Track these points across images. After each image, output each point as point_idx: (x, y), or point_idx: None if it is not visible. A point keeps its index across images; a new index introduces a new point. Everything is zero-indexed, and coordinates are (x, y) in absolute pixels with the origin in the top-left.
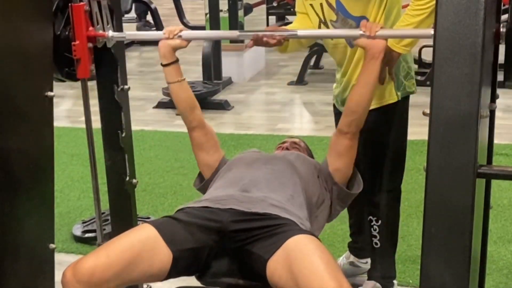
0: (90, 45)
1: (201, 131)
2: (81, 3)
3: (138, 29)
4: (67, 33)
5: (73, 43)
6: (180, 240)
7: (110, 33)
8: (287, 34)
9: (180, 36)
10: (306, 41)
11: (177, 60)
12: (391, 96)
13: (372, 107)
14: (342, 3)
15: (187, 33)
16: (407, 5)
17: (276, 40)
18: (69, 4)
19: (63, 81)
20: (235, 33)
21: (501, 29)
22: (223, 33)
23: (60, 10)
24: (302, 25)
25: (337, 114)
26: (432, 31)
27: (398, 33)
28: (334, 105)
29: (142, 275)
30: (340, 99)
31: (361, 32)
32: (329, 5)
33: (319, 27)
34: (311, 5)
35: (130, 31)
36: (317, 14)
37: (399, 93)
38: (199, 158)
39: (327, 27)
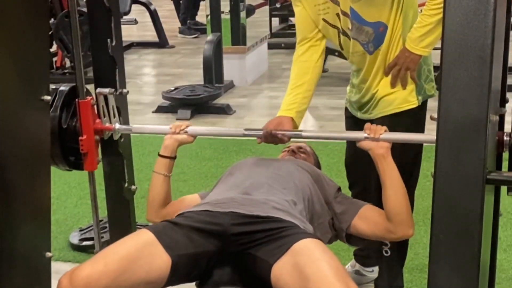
0: (97, 137)
1: (166, 217)
2: (88, 98)
3: None
4: (73, 124)
5: (80, 138)
6: (180, 245)
7: (117, 125)
8: (292, 133)
9: (186, 132)
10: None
11: (174, 157)
12: (413, 101)
13: (392, 112)
14: (356, 10)
15: (193, 128)
16: (423, 3)
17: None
18: (76, 100)
19: (69, 170)
20: (240, 131)
21: None
22: (229, 130)
23: (67, 105)
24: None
25: (349, 118)
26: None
27: (402, 136)
28: (346, 109)
29: (140, 282)
30: (358, 105)
31: (365, 135)
32: (344, 13)
33: (339, 37)
34: (324, 19)
35: (129, 33)
36: (333, 26)
37: (420, 97)
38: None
39: (347, 36)
